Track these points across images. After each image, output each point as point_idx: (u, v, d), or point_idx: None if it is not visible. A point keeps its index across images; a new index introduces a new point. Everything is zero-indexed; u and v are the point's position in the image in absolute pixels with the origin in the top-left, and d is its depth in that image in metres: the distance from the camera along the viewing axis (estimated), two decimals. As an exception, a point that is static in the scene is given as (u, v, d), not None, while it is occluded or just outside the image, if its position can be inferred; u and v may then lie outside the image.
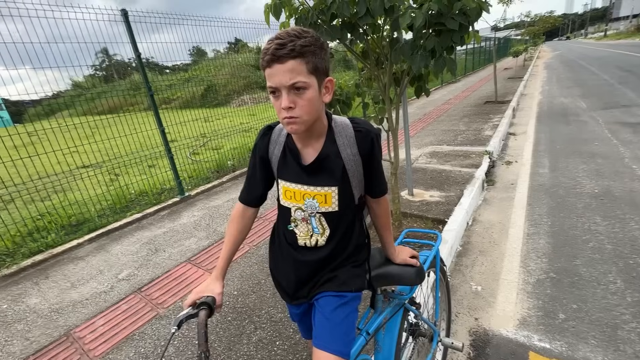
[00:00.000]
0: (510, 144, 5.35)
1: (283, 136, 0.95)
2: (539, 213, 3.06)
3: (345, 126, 0.93)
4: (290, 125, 0.82)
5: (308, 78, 0.78)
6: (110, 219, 3.68)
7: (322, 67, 0.81)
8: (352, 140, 0.92)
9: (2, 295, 2.61)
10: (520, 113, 7.54)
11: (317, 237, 0.96)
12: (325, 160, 0.91)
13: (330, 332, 0.90)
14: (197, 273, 2.61)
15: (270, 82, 0.79)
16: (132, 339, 2.02)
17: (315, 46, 0.78)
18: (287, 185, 0.95)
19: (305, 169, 0.92)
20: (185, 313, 0.82)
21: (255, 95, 10.36)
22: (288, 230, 0.99)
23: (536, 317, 1.91)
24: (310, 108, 0.81)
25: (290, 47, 0.75)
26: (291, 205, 0.96)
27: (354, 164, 0.92)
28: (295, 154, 0.93)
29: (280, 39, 0.76)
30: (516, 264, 2.41)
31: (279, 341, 1.86)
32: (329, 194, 0.92)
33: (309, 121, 0.83)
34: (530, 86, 11.68)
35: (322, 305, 0.96)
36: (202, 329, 0.78)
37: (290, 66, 0.76)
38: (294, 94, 0.79)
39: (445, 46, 1.88)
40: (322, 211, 0.94)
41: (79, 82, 5.79)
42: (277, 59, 0.76)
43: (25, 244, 3.21)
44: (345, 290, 0.97)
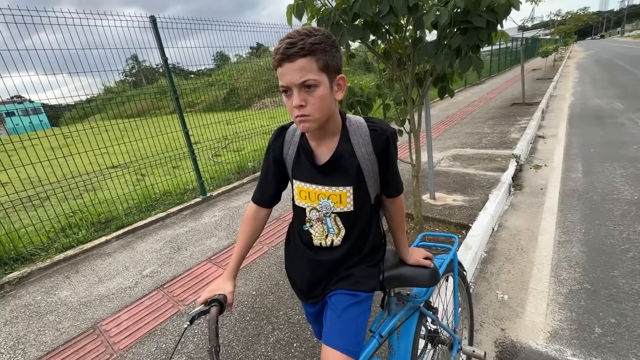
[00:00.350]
0: (539, 147, 5.10)
1: (297, 136, 0.95)
2: (572, 220, 2.89)
3: (359, 125, 0.92)
4: (302, 123, 0.82)
5: (318, 75, 0.78)
6: (136, 217, 3.82)
7: (333, 65, 0.81)
8: (367, 139, 0.90)
9: (37, 287, 2.76)
10: (550, 115, 7.20)
11: (333, 237, 0.96)
12: (339, 159, 0.90)
13: (340, 330, 0.90)
14: (217, 272, 2.65)
15: (281, 81, 0.80)
16: (154, 334, 2.07)
17: (325, 44, 0.78)
18: (301, 185, 0.95)
19: (319, 168, 0.91)
20: (197, 310, 0.85)
21: (276, 98, 10.50)
22: (303, 230, 0.99)
23: (569, 330, 1.79)
24: (321, 105, 0.80)
25: (300, 45, 0.75)
26: (306, 205, 0.96)
27: (369, 163, 0.91)
28: (309, 154, 0.92)
29: (291, 38, 0.77)
30: (546, 273, 2.28)
31: (296, 343, 1.85)
32: (343, 193, 0.91)
33: (321, 119, 0.83)
34: (561, 87, 11.14)
35: (334, 303, 0.96)
36: (213, 324, 0.79)
37: (300, 64, 0.76)
38: (305, 92, 0.79)
39: (471, 45, 1.82)
40: (337, 211, 0.93)
41: (111, 87, 6.10)
42: (287, 57, 0.76)
43: (59, 239, 3.39)
44: (359, 289, 0.96)
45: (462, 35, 1.82)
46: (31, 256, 3.18)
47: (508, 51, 21.30)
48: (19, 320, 2.36)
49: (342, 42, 2.01)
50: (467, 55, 1.87)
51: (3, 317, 2.42)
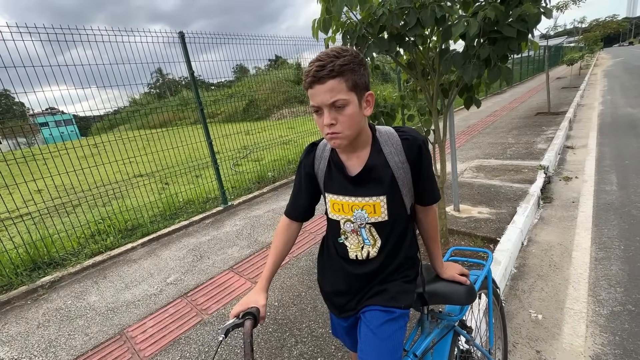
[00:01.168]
0: (569, 158, 4.90)
1: (327, 151, 0.98)
2: (609, 235, 2.73)
3: (390, 135, 0.93)
4: (333, 140, 0.85)
5: (348, 95, 0.81)
6: (160, 225, 3.92)
7: (361, 83, 0.83)
8: (399, 147, 0.91)
9: (67, 292, 2.86)
10: (578, 125, 6.92)
11: (369, 248, 0.96)
12: (372, 170, 0.91)
13: (377, 348, 0.88)
14: (239, 281, 2.66)
15: (312, 102, 0.84)
16: (178, 342, 2.08)
17: (353, 63, 0.81)
18: (334, 198, 0.97)
19: (351, 180, 0.93)
20: (231, 322, 0.85)
21: (294, 109, 10.67)
22: (339, 243, 1.00)
23: (613, 355, 1.67)
24: (351, 123, 0.83)
25: (330, 67, 0.78)
26: (340, 217, 0.97)
27: (403, 171, 0.92)
28: (340, 167, 0.94)
29: (320, 61, 0.80)
30: (583, 292, 2.15)
31: (320, 357, 1.81)
32: (377, 203, 0.92)
33: (350, 135, 0.85)
34: (589, 96, 10.73)
35: (368, 319, 0.94)
36: (248, 338, 0.79)
37: (330, 86, 0.79)
38: (335, 111, 0.82)
39: (500, 55, 1.78)
40: (371, 222, 0.93)
41: (136, 100, 6.38)
42: (317, 80, 0.80)
43: (88, 245, 3.52)
44: (394, 305, 0.94)
45: (491, 45, 1.79)
46: (62, 261, 3.31)
47: (530, 59, 20.81)
48: (51, 324, 2.44)
49: (367, 55, 2.02)
50: (497, 65, 1.83)
51: (36, 320, 2.51)
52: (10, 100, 11.39)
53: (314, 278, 2.57)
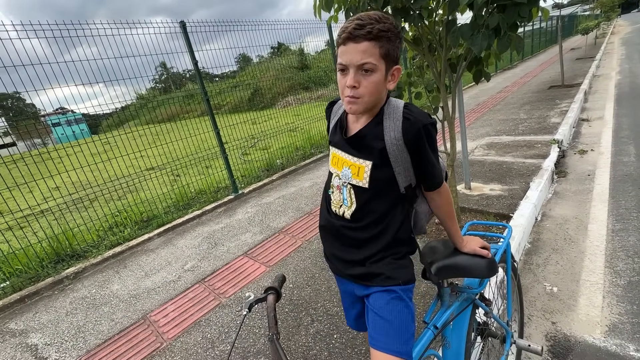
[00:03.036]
0: (584, 131, 4.75)
1: (342, 109, 1.01)
2: (626, 207, 2.67)
3: (396, 109, 0.90)
4: (350, 104, 0.85)
5: (378, 61, 0.80)
6: (174, 215, 4.01)
7: (393, 54, 0.83)
8: (399, 124, 0.88)
9: (91, 282, 2.99)
10: (594, 96, 6.67)
11: (345, 208, 0.97)
12: (364, 138, 0.92)
13: (386, 330, 0.87)
14: (254, 266, 2.73)
15: (341, 59, 0.82)
16: (199, 324, 2.17)
17: (391, 32, 0.80)
18: (334, 151, 1.00)
19: (346, 140, 0.95)
20: (254, 297, 0.86)
21: (299, 95, 10.57)
22: (327, 194, 1.04)
23: (630, 324, 1.66)
24: (373, 90, 0.83)
25: (368, 29, 0.77)
26: (334, 171, 1.01)
27: (397, 148, 0.88)
28: (342, 126, 0.98)
29: (360, 20, 0.78)
30: (600, 263, 2.13)
31: (336, 334, 1.86)
32: (362, 167, 0.92)
33: (369, 102, 0.85)
34: (605, 66, 10.27)
35: (372, 303, 0.93)
36: (272, 312, 0.81)
37: (363, 47, 0.78)
38: (360, 74, 0.81)
39: (510, 22, 1.71)
40: (352, 183, 0.94)
41: (142, 95, 6.42)
42: (353, 38, 0.78)
43: (107, 237, 3.64)
44: (391, 284, 0.92)
45: (501, 12, 1.72)
46: (84, 253, 3.44)
47: (542, 31, 19.93)
48: (78, 312, 2.56)
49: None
50: (507, 34, 1.76)
51: (64, 308, 2.64)
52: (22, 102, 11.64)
53: (326, 260, 2.61)
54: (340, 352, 1.75)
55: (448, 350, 1.12)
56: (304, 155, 5.80)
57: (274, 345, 0.74)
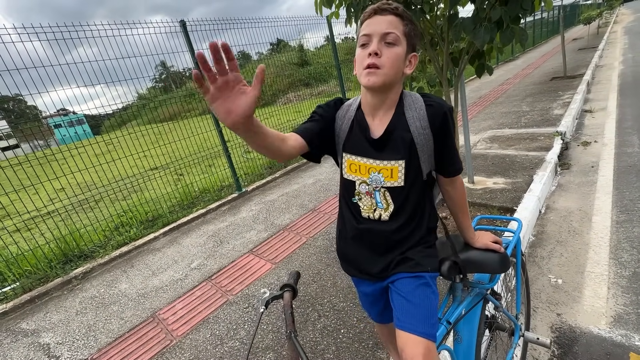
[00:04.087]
0: (587, 123, 4.72)
1: (352, 110, 0.96)
2: (630, 198, 2.66)
3: (415, 99, 0.91)
4: (369, 75, 0.83)
5: (401, 36, 0.84)
6: (179, 214, 4.04)
7: (413, 40, 0.88)
8: (423, 113, 0.89)
9: (99, 281, 3.03)
10: (597, 87, 6.61)
11: (381, 211, 0.95)
12: (393, 133, 0.90)
13: (413, 313, 0.88)
14: (259, 263, 2.75)
15: (365, 31, 0.85)
16: (207, 322, 2.20)
17: (412, 22, 0.87)
18: (352, 158, 0.95)
19: (372, 142, 0.92)
20: (270, 294, 0.86)
21: (300, 92, 10.54)
22: (352, 202, 0.99)
23: (635, 314, 1.67)
24: (394, 62, 0.83)
25: (395, 6, 0.84)
26: (356, 178, 0.96)
27: (424, 137, 0.89)
28: (364, 128, 0.93)
29: (387, 2, 0.86)
30: (604, 255, 2.13)
31: (343, 329, 1.89)
32: (395, 167, 0.90)
33: (388, 75, 0.83)
34: (608, 56, 10.17)
35: (398, 288, 0.94)
36: (288, 309, 0.81)
37: (390, 19, 0.83)
38: (384, 46, 0.83)
39: (513, 15, 1.71)
40: (387, 186, 0.92)
41: (143, 95, 6.43)
42: (380, 11, 0.84)
43: (114, 237, 3.68)
44: (421, 270, 0.95)
45: (503, 5, 1.72)
46: (91, 253, 3.48)
47: (544, 22, 19.72)
48: (88, 311, 2.60)
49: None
50: (509, 27, 1.76)
51: (74, 308, 2.68)
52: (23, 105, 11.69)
53: (332, 256, 2.63)
54: (347, 346, 1.77)
55: (459, 345, 1.14)
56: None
57: (292, 342, 0.73)
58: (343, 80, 6.05)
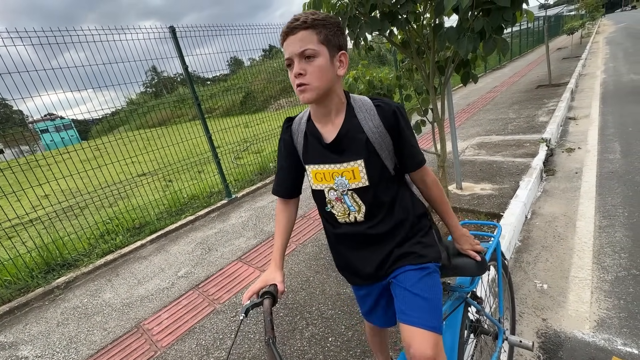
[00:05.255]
0: (571, 130, 4.85)
1: (303, 123, 0.98)
2: (613, 203, 2.73)
3: (364, 101, 0.94)
4: (302, 93, 0.86)
5: (318, 47, 0.83)
6: (167, 221, 3.98)
7: (334, 40, 0.86)
8: (373, 113, 0.91)
9: (83, 291, 2.94)
10: (580, 95, 6.81)
11: (355, 214, 0.96)
12: (346, 135, 0.91)
13: (420, 306, 0.88)
14: (248, 270, 2.72)
15: (285, 54, 0.86)
16: (193, 331, 2.15)
17: (327, 22, 0.84)
18: (314, 168, 0.97)
19: (328, 146, 0.93)
20: (250, 302, 0.87)
21: (292, 98, 10.58)
22: (326, 212, 1.01)
23: (618, 318, 1.70)
24: (319, 74, 0.84)
25: (303, 19, 0.82)
26: (323, 187, 0.97)
27: (379, 136, 0.91)
28: (317, 136, 0.95)
29: (296, 16, 0.84)
30: (588, 260, 2.17)
31: (331, 337, 1.87)
32: (355, 168, 0.91)
33: (319, 88, 0.85)
34: (591, 65, 10.51)
35: (402, 281, 0.94)
36: (268, 316, 0.81)
37: (300, 36, 0.83)
38: (304, 62, 0.84)
39: (495, 26, 1.75)
40: (352, 188, 0.93)
41: (133, 100, 6.37)
42: (290, 31, 0.83)
43: (99, 245, 3.59)
44: (424, 262, 0.95)
45: (485, 16, 1.76)
46: (75, 262, 3.39)
47: (529, 32, 20.29)
48: (70, 322, 2.52)
49: (360, 36, 2.00)
50: (492, 37, 1.80)
51: (55, 319, 2.60)
52: (9, 109, 11.43)
53: (321, 263, 2.61)
54: (335, 355, 1.75)
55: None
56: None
57: (271, 349, 0.74)
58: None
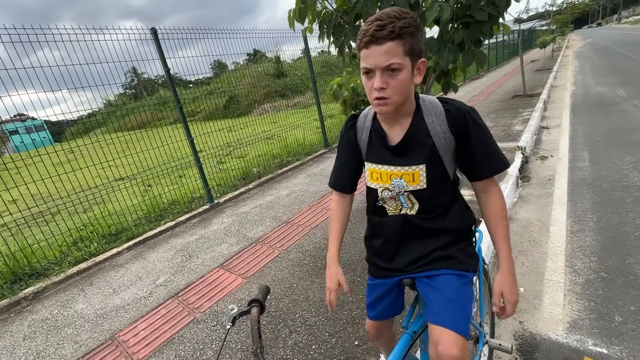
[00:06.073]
0: (544, 138, 5.08)
1: (369, 121, 0.98)
2: (583, 209, 2.87)
3: (434, 104, 0.91)
4: (380, 106, 0.85)
5: (403, 60, 0.79)
6: (145, 227, 3.85)
7: (417, 49, 0.82)
8: (442, 117, 0.89)
9: (53, 301, 2.79)
10: (552, 105, 7.17)
11: (407, 210, 0.97)
12: (412, 139, 0.91)
13: (454, 311, 0.90)
14: (230, 278, 2.66)
15: (365, 63, 0.82)
16: (172, 342, 2.08)
17: (413, 27, 0.79)
18: (373, 167, 0.97)
19: (391, 149, 0.93)
20: (238, 310, 0.85)
21: (276, 103, 10.56)
22: (377, 205, 1.02)
23: (589, 319, 1.77)
24: (402, 89, 0.82)
25: (390, 28, 0.76)
26: (378, 186, 0.98)
27: (445, 141, 0.90)
28: (382, 136, 0.95)
29: (380, 20, 0.77)
30: (561, 263, 2.27)
31: (314, 345, 1.85)
32: (416, 172, 0.91)
33: (398, 102, 0.85)
34: (561, 77, 11.10)
35: (439, 283, 0.95)
36: (255, 325, 0.80)
37: (387, 48, 0.77)
38: (387, 75, 0.80)
39: (474, 39, 1.83)
40: (410, 189, 0.94)
41: (111, 101, 6.16)
42: (375, 40, 0.77)
43: (71, 253, 3.42)
44: (465, 270, 0.96)
45: (465, 29, 1.83)
46: (45, 271, 3.21)
47: (505, 44, 21.25)
48: (37, 335, 2.38)
49: (345, 44, 2.03)
50: (470, 49, 1.87)
51: (22, 332, 2.44)
52: (-26, 108, 10.78)
53: (305, 269, 2.60)
54: (318, 363, 1.73)
55: (426, 354, 1.15)
56: (280, 163, 5.78)
57: (258, 359, 0.73)
58: (318, 92, 6.14)
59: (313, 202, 3.88)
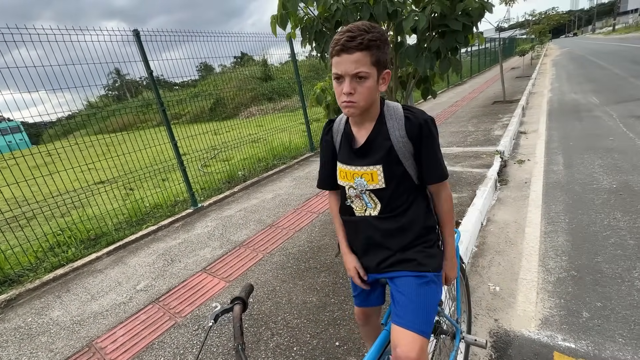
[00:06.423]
0: (522, 143, 5.27)
1: (342, 125, 1.07)
2: (556, 211, 2.99)
3: (396, 110, 1.00)
4: (347, 108, 0.94)
5: (370, 69, 0.88)
6: (126, 232, 3.77)
7: (383, 60, 0.91)
8: (402, 123, 0.97)
9: (27, 309, 2.69)
10: (530, 111, 7.44)
11: (370, 210, 1.04)
12: (374, 141, 0.99)
13: (413, 310, 0.95)
14: (213, 282, 2.64)
15: (336, 69, 0.90)
16: (152, 348, 2.04)
17: (380, 41, 0.88)
18: (341, 166, 1.06)
19: (355, 151, 1.02)
20: (220, 308, 0.86)
21: (262, 106, 10.54)
22: (346, 205, 1.10)
23: (559, 316, 1.85)
24: (367, 95, 0.91)
25: (359, 40, 0.85)
26: (345, 184, 1.07)
27: (403, 145, 0.97)
28: (350, 138, 1.03)
29: (351, 32, 0.86)
30: (535, 263, 2.36)
31: (296, 347, 1.86)
32: (374, 172, 0.99)
33: (364, 107, 0.93)
34: (539, 84, 11.53)
35: (399, 285, 1.01)
36: (237, 322, 0.81)
37: (356, 57, 0.86)
38: (355, 82, 0.89)
39: (449, 47, 1.90)
40: (370, 188, 1.01)
41: (93, 103, 6.02)
42: (345, 49, 0.86)
43: (47, 259, 3.31)
44: (423, 270, 1.00)
45: (441, 38, 1.90)
46: (19, 278, 3.10)
47: (487, 51, 21.94)
48: (9, 344, 2.29)
49: (326, 49, 2.07)
50: (447, 57, 1.95)
51: (-8, 342, 2.35)
52: (-56, 109, 10.30)
53: (287, 272, 2.60)
54: (300, 364, 1.74)
55: None
56: (266, 166, 5.77)
57: (240, 356, 0.74)
58: (304, 96, 6.18)
59: (298, 205, 3.89)
